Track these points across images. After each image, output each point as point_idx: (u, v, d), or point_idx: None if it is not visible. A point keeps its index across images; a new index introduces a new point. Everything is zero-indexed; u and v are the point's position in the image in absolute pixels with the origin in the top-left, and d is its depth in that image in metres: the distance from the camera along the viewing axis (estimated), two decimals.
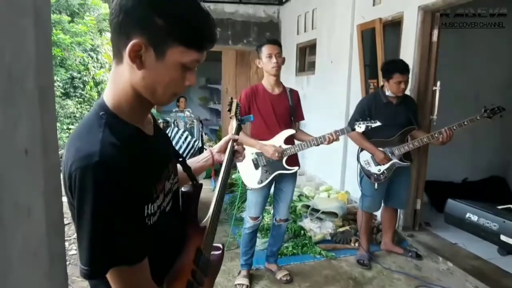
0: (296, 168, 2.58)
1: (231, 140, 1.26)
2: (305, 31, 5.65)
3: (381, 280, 2.75)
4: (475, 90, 4.27)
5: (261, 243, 3.07)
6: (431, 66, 3.37)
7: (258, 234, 2.85)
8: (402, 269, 2.89)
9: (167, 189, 0.95)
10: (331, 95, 4.74)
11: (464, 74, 4.23)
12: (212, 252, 1.14)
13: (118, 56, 0.79)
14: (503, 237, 1.40)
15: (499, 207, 1.63)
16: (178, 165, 1.07)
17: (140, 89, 0.80)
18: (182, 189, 1.09)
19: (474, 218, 1.51)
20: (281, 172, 2.52)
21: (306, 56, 5.92)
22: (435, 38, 3.34)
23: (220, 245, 1.23)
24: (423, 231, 3.52)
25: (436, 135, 2.71)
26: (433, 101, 3.42)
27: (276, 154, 2.42)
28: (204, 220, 1.09)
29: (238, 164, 2.62)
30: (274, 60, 2.44)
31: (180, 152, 3.63)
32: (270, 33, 6.48)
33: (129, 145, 0.77)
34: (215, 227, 1.12)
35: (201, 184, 1.12)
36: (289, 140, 2.54)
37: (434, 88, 3.40)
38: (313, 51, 5.45)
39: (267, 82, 2.55)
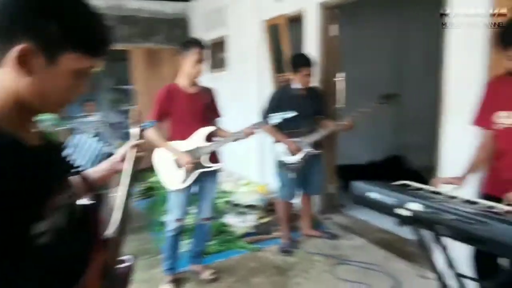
0: (218, 165, 2.57)
1: (131, 148, 1.19)
2: (215, 28, 5.64)
3: (303, 264, 2.90)
4: (375, 79, 4.70)
5: (184, 245, 3.00)
6: (333, 59, 3.63)
7: (182, 236, 2.78)
8: (321, 251, 3.07)
9: (61, 204, 0.86)
10: (243, 90, 4.82)
11: (367, 65, 4.66)
12: (120, 265, 1.07)
13: None
14: (398, 210, 1.57)
15: (395, 183, 1.83)
16: (78, 177, 0.98)
17: (27, 96, 0.73)
18: (83, 201, 0.99)
19: (375, 195, 1.66)
20: (204, 170, 2.49)
21: (218, 52, 5.91)
22: (335, 32, 3.59)
23: (129, 257, 1.16)
24: (338, 213, 3.80)
25: (341, 122, 2.93)
26: (336, 91, 3.70)
27: (187, 166, 2.38)
28: (109, 232, 1.02)
29: (157, 166, 2.52)
30: (199, 66, 2.40)
31: (86, 160, 3.37)
32: (179, 30, 6.33)
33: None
34: (123, 238, 1.05)
35: (103, 195, 1.04)
36: (210, 138, 2.52)
37: (337, 79, 3.68)
38: (224, 47, 5.47)
39: (183, 81, 2.48)
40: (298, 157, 3.00)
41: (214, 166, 2.53)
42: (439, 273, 1.64)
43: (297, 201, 3.36)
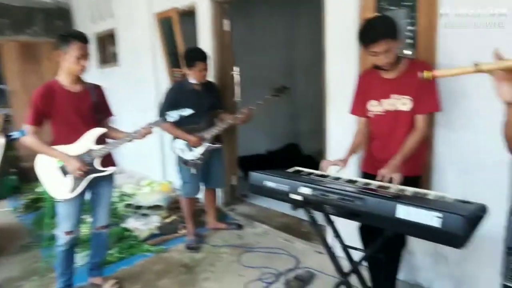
0: (112, 168, 2.38)
1: None
2: (102, 19, 5.21)
3: (210, 258, 2.91)
4: (270, 73, 4.91)
5: (81, 257, 2.74)
6: (227, 53, 3.68)
7: (77, 249, 2.54)
8: (227, 242, 3.13)
9: None
10: (139, 87, 4.59)
11: (261, 59, 4.83)
12: None
13: None
14: (292, 195, 1.68)
15: (289, 170, 1.96)
16: None
17: None
18: None
19: (271, 184, 1.75)
20: (96, 176, 2.29)
21: (108, 46, 5.49)
22: (226, 27, 3.63)
23: None
24: (241, 203, 3.91)
25: (238, 115, 3.00)
26: (234, 84, 3.78)
27: (79, 172, 2.17)
28: None
29: (41, 175, 2.24)
30: (83, 62, 2.14)
31: None
32: (60, 22, 5.68)
33: None
34: None
35: None
36: (100, 140, 2.31)
37: (232, 73, 3.75)
38: (114, 41, 5.10)
39: (65, 78, 2.22)
40: (198, 153, 2.99)
41: (108, 170, 2.35)
42: (329, 246, 1.81)
43: (201, 196, 3.35)
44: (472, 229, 1.28)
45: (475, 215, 1.31)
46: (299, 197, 1.63)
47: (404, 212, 1.32)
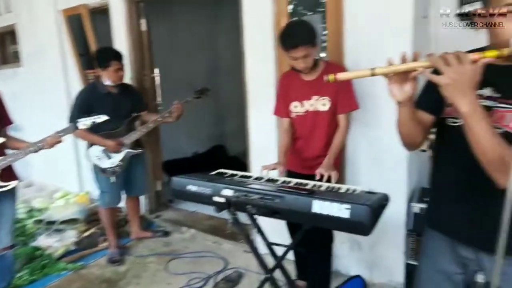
0: (13, 183, 2.12)
1: None
2: None
3: (135, 269, 2.78)
4: (193, 74, 4.83)
5: None
6: (145, 54, 3.54)
7: None
8: (153, 251, 3.02)
9: None
10: (47, 90, 4.18)
11: (184, 61, 4.73)
12: None
13: None
14: (215, 198, 1.68)
15: (212, 173, 1.95)
16: None
17: None
18: None
19: (193, 188, 1.73)
20: None
21: (8, 45, 4.91)
22: (144, 27, 3.49)
23: None
24: (168, 209, 3.80)
25: (166, 114, 2.84)
26: (154, 87, 3.65)
27: None
28: None
29: None
30: None
31: None
32: None
33: None
34: None
35: None
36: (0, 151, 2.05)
37: (152, 75, 3.62)
38: (15, 39, 4.58)
39: None
40: (117, 159, 2.82)
41: (9, 185, 2.10)
42: (254, 245, 1.85)
43: (123, 205, 3.18)
44: (376, 217, 1.40)
45: (378, 204, 1.43)
46: (222, 199, 1.63)
47: (319, 206, 1.41)
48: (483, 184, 0.93)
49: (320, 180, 1.77)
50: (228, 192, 1.61)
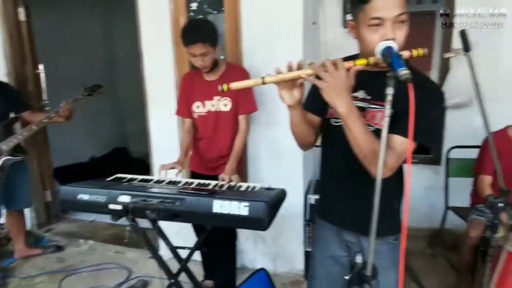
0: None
1: None
2: None
3: None
4: (87, 71, 4.41)
5: None
6: (25, 47, 3.13)
7: None
8: (43, 270, 2.69)
9: None
10: None
11: (77, 56, 4.29)
12: None
13: None
14: (111, 206, 1.57)
15: (109, 179, 1.82)
16: None
17: None
18: None
19: (85, 196, 1.59)
20: None
21: None
22: (22, 17, 3.08)
23: None
24: (61, 221, 3.43)
25: (53, 114, 2.51)
26: (39, 84, 3.26)
27: None
28: None
29: None
30: None
31: None
32: None
33: None
34: None
35: None
36: None
37: (36, 71, 3.22)
38: None
39: None
40: None
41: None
42: (156, 251, 1.79)
43: (3, 221, 2.76)
44: (274, 211, 1.48)
45: (276, 199, 1.51)
46: (118, 207, 1.54)
47: (219, 206, 1.42)
48: (360, 176, 1.05)
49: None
50: (125, 199, 1.53)
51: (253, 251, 2.55)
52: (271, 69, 1.08)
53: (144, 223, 1.62)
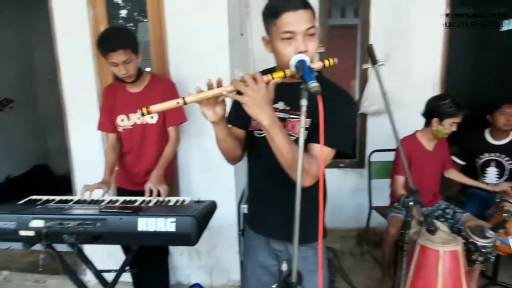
0: None
1: None
2: None
3: None
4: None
5: None
6: None
7: None
8: None
9: None
10: None
11: None
12: None
13: None
14: (22, 232, 1.42)
15: (20, 202, 1.65)
16: None
17: None
18: None
19: None
20: None
21: None
22: None
23: None
24: None
25: None
26: None
27: None
28: None
29: None
30: None
31: None
32: None
33: None
34: None
35: None
36: None
37: None
38: None
39: None
40: None
41: None
42: (76, 277, 1.66)
43: None
44: (203, 225, 1.45)
45: (205, 212, 1.49)
46: (30, 233, 1.40)
47: (144, 224, 1.36)
48: (286, 185, 1.06)
49: (150, 195, 1.72)
50: (38, 223, 1.40)
51: (188, 266, 2.48)
52: (199, 81, 1.08)
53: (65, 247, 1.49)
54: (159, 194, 1.72)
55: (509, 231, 1.88)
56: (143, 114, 1.04)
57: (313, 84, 0.88)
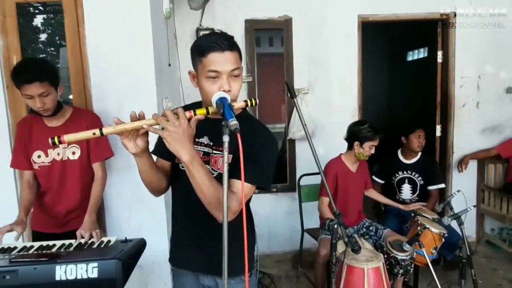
0: None
1: None
2: None
3: None
4: None
5: None
6: None
7: None
8: None
9: None
10: None
11: None
12: None
13: None
14: None
15: None
16: None
17: None
18: None
19: None
20: None
21: None
22: None
23: None
24: None
25: None
26: None
27: None
28: None
29: None
30: None
31: None
32: None
33: None
34: None
35: None
36: None
37: None
38: None
39: None
40: None
41: None
42: None
43: None
44: (130, 267, 1.38)
45: (132, 252, 1.42)
46: None
47: (63, 272, 1.26)
48: (211, 219, 1.06)
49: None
50: None
51: None
52: (123, 113, 1.05)
53: None
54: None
55: (422, 243, 2.07)
56: (54, 144, 0.98)
57: (233, 122, 0.91)
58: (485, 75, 3.35)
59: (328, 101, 3.23)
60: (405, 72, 5.30)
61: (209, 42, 1.07)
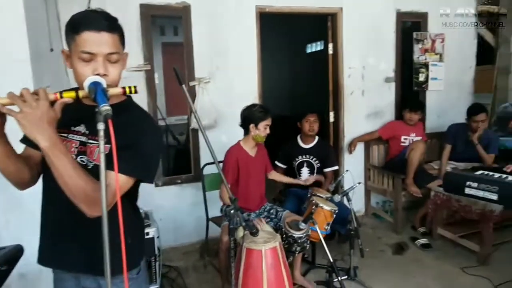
0: None
1: None
2: None
3: None
4: None
5: None
6: None
7: None
8: None
9: None
10: None
11: None
12: None
13: None
14: None
15: None
16: None
17: None
18: None
19: None
20: None
21: None
22: None
23: None
24: None
25: None
26: None
27: None
28: None
29: None
30: None
31: None
32: None
33: None
34: None
35: None
36: None
37: None
38: None
39: None
40: None
41: None
42: None
43: None
44: (2, 277, 1.21)
45: (2, 261, 1.25)
46: None
47: None
48: (81, 216, 0.96)
49: None
50: None
51: None
52: None
53: None
54: None
55: (315, 220, 2.24)
56: None
57: (105, 108, 0.84)
58: (368, 66, 3.75)
59: (229, 90, 3.25)
60: (305, 63, 5.65)
61: (85, 20, 0.98)
